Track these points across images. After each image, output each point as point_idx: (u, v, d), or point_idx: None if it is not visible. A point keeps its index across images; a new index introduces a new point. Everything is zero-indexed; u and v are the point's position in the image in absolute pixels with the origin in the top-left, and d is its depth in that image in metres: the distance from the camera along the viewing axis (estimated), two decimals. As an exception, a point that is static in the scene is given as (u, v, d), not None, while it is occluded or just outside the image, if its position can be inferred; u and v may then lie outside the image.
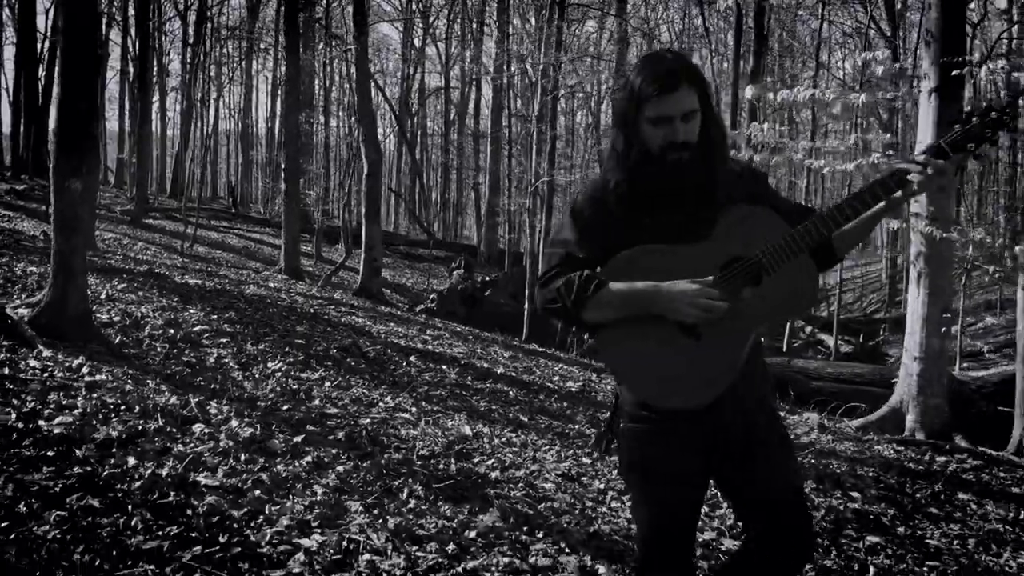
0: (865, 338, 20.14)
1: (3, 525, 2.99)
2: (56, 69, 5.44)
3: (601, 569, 3.71)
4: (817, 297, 2.31)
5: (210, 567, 3.04)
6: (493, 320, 15.17)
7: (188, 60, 33.50)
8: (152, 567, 2.98)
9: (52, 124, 5.49)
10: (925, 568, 4.50)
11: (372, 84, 21.15)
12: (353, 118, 36.25)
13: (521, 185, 29.23)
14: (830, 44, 35.04)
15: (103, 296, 7.53)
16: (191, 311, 7.45)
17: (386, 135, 43.73)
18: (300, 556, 3.29)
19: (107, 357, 5.27)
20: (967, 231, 7.96)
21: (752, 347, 2.45)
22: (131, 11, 30.72)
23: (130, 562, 2.98)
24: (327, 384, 6.09)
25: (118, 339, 5.79)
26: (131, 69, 31.40)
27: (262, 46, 38.57)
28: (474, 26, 35.65)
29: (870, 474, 6.31)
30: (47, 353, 4.95)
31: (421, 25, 38.23)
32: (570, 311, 2.36)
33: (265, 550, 3.30)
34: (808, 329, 21.47)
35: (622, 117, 2.41)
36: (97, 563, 2.91)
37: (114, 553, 3.01)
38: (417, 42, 39.69)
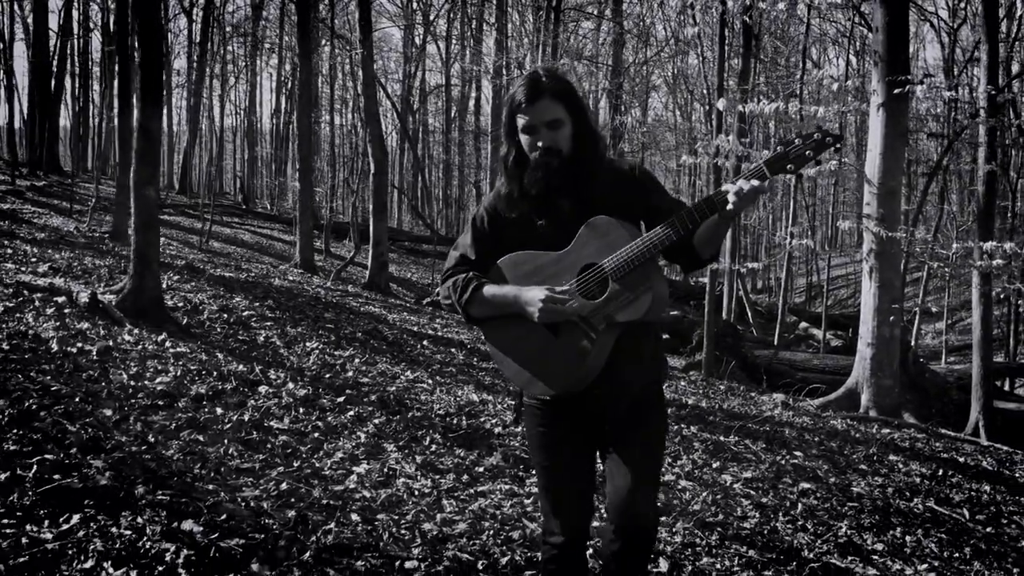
0: (853, 332, 21.21)
1: (131, 449, 4.17)
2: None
3: (581, 496, 4.90)
4: (665, 301, 2.67)
5: (291, 482, 4.24)
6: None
7: (195, 57, 34.46)
8: (250, 479, 4.18)
9: (136, 142, 6.67)
10: (846, 508, 5.66)
11: (377, 86, 22.17)
12: (354, 115, 37.41)
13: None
14: (823, 42, 36.02)
15: (164, 286, 8.73)
16: (237, 299, 8.69)
17: (388, 132, 44.76)
18: (354, 477, 4.49)
19: (179, 335, 6.49)
20: (912, 231, 9.14)
21: (635, 339, 2.70)
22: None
23: (234, 476, 4.18)
24: (356, 360, 7.32)
25: (184, 321, 7.02)
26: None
27: (267, 45, 39.44)
28: (474, 24, 36.52)
29: (815, 439, 7.52)
30: (135, 331, 6.17)
31: (421, 24, 39.12)
32: (458, 306, 2.73)
33: (328, 473, 4.50)
34: (801, 324, 22.44)
35: (505, 128, 2.72)
36: (211, 475, 4.11)
37: (221, 470, 4.21)
38: (418, 40, 40.60)
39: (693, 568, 4.10)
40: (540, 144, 2.63)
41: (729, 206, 2.46)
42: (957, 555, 4.98)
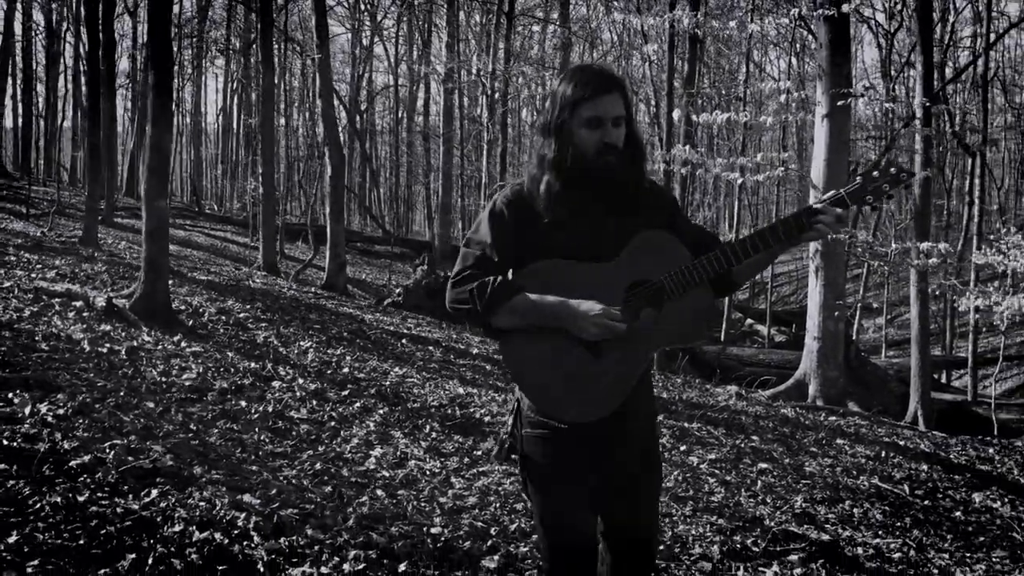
0: (797, 328, 22.14)
1: (180, 436, 4.75)
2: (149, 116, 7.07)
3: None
4: (710, 327, 2.59)
5: (322, 463, 4.85)
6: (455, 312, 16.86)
7: (141, 58, 34.42)
8: (284, 461, 4.78)
9: (147, 158, 7.19)
10: (800, 484, 6.40)
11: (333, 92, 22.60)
12: (306, 117, 37.66)
13: (472, 183, 30.87)
14: (764, 43, 37.17)
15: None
16: (231, 302, 9.24)
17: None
18: (372, 459, 5.12)
19: (190, 336, 7.04)
20: (854, 232, 9.97)
21: (645, 368, 2.58)
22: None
23: (271, 459, 4.78)
24: (348, 358, 7.93)
25: (190, 323, 7.57)
26: (82, 67, 32.38)
27: (216, 47, 39.45)
28: (420, 22, 36.93)
29: (770, 425, 8.30)
30: (152, 332, 6.72)
31: (369, 24, 39.39)
32: (479, 314, 2.44)
33: (349, 456, 5.12)
34: (746, 321, 23.36)
35: (553, 124, 2.50)
36: (251, 458, 4.70)
37: (259, 453, 4.80)
38: (365, 41, 40.89)
39: (672, 533, 4.78)
40: (607, 140, 2.48)
41: (812, 230, 2.48)
42: (899, 524, 5.71)
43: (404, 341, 9.86)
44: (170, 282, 9.79)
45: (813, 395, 10.36)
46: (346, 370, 7.34)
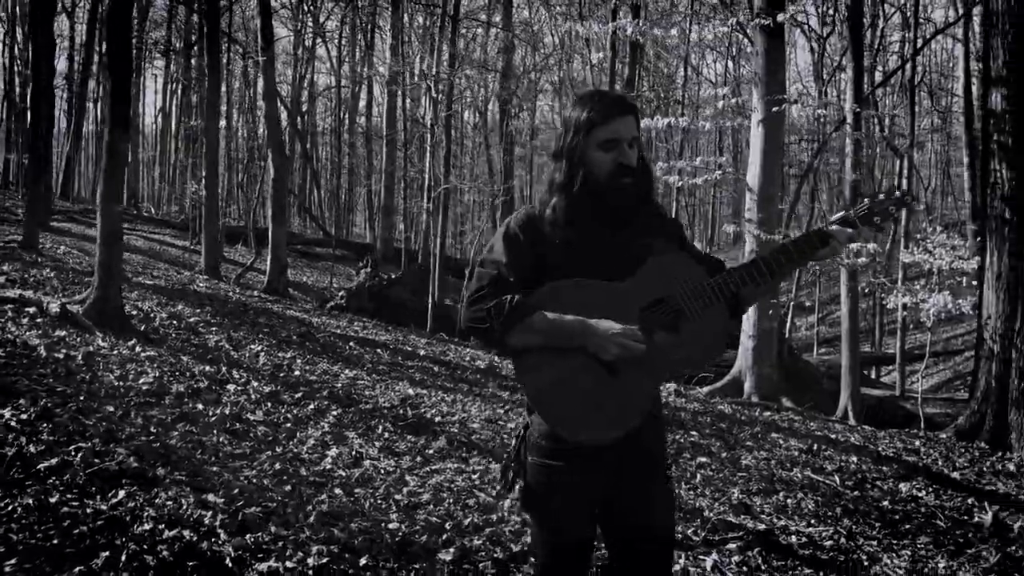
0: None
1: (142, 439, 4.88)
2: (105, 115, 7.13)
3: (518, 471, 5.81)
4: (724, 347, 2.62)
5: (281, 463, 5.02)
6: (399, 315, 17.03)
7: (79, 59, 33.87)
8: (244, 462, 4.94)
9: (104, 162, 7.25)
10: (737, 477, 6.71)
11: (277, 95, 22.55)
12: (245, 118, 37.40)
13: (414, 186, 30.95)
14: (703, 47, 37.83)
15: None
16: (180, 306, 9.31)
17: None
18: (328, 459, 5.30)
19: (144, 341, 7.13)
20: (787, 233, 10.37)
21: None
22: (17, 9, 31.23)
23: (231, 460, 4.93)
24: (299, 361, 8.07)
25: (143, 328, 7.65)
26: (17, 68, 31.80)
27: (155, 50, 38.90)
28: (363, 24, 36.84)
29: (707, 421, 8.62)
30: (107, 338, 6.80)
31: (312, 26, 39.15)
32: (495, 332, 2.45)
33: (306, 456, 5.30)
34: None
35: (566, 148, 2.56)
36: (211, 459, 4.85)
37: (219, 455, 4.96)
38: (308, 42, 40.61)
39: (617, 524, 5.04)
40: (623, 161, 2.53)
41: (831, 245, 2.58)
42: (830, 513, 6.02)
43: (352, 344, 10.01)
44: (118, 287, 9.84)
45: (749, 391, 10.74)
46: (298, 373, 7.49)
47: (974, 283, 10.05)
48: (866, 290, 12.04)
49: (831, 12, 25.27)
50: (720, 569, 4.60)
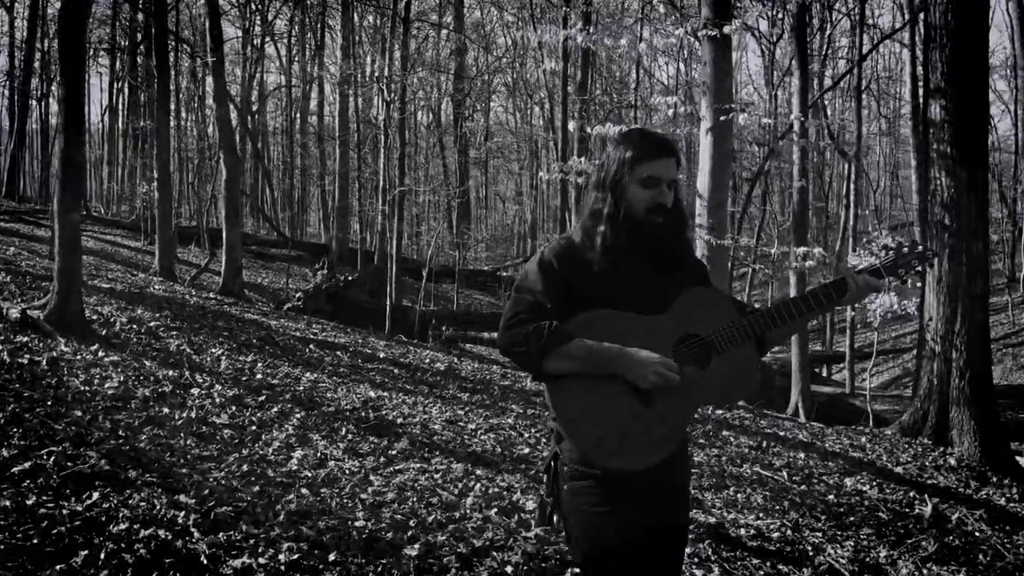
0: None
1: (112, 442, 5.01)
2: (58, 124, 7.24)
3: (478, 471, 6.01)
4: (755, 383, 2.72)
5: (249, 465, 5.18)
6: (356, 316, 17.15)
7: (20, 56, 33.42)
8: (212, 464, 5.09)
9: (59, 173, 7.33)
10: (691, 474, 6.97)
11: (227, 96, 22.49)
12: (194, 117, 37.10)
13: (369, 187, 30.98)
14: (654, 51, 38.24)
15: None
16: (140, 311, 9.37)
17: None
18: (294, 461, 5.47)
19: (106, 346, 7.22)
20: (737, 238, 10.69)
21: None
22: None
23: (199, 462, 5.08)
24: (260, 364, 8.20)
25: (104, 332, 7.73)
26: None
27: (100, 48, 38.40)
28: (313, 23, 36.73)
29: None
30: (69, 343, 6.89)
31: (260, 25, 38.91)
32: (533, 357, 2.52)
33: (272, 458, 5.46)
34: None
35: (610, 179, 2.68)
36: (180, 461, 5.00)
37: (187, 457, 5.11)
38: (256, 41, 40.36)
39: (575, 520, 5.27)
40: (661, 201, 2.66)
41: (848, 295, 2.73)
42: (778, 507, 6.31)
43: (312, 347, 10.14)
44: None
45: (701, 391, 11.01)
46: (260, 376, 7.62)
47: (919, 284, 10.43)
48: (815, 292, 12.37)
49: (780, 16, 25.82)
50: (673, 561, 4.85)
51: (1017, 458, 8.86)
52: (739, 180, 24.27)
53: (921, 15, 15.73)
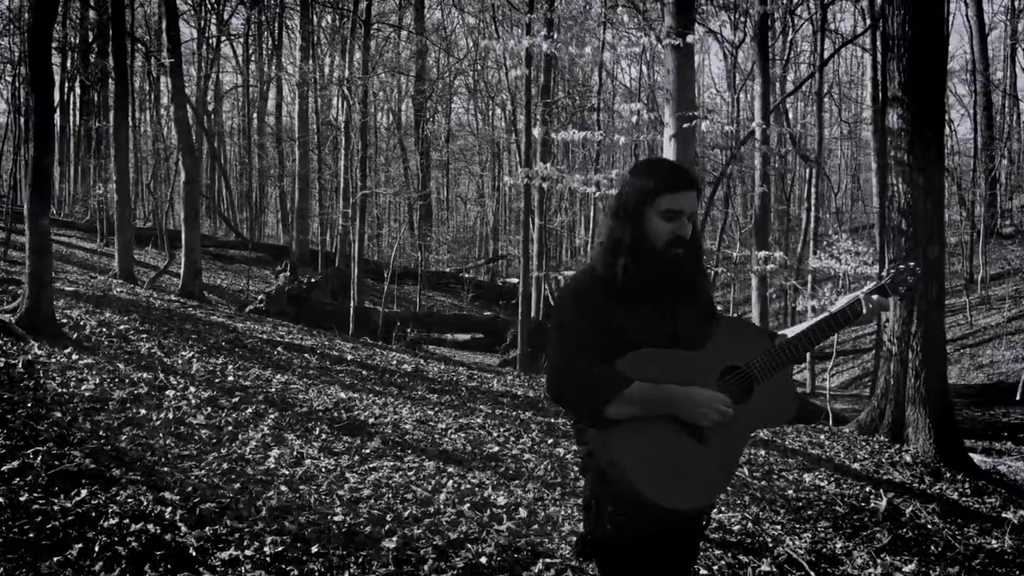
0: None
1: (94, 442, 5.21)
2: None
3: (450, 468, 6.28)
4: (796, 406, 2.84)
5: (229, 463, 5.40)
6: (319, 318, 17.33)
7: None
8: (193, 463, 5.31)
9: (31, 179, 7.50)
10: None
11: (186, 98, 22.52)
12: (149, 116, 36.95)
13: (330, 188, 31.09)
14: (617, 54, 38.62)
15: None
16: (108, 314, 9.52)
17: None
18: (271, 459, 5.70)
19: (78, 349, 7.39)
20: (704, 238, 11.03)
21: None
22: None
23: (180, 461, 5.29)
24: (231, 367, 8.40)
25: (75, 335, 7.89)
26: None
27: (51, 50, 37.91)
28: (270, 23, 36.67)
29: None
30: (42, 346, 7.05)
31: (215, 22, 38.76)
32: (592, 404, 2.51)
33: (250, 456, 5.68)
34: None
35: (630, 210, 2.68)
36: (162, 460, 5.21)
37: (168, 456, 5.32)
38: (212, 40, 40.16)
39: (544, 515, 5.54)
40: (681, 234, 2.68)
41: (863, 314, 2.87)
42: (739, 501, 6.61)
43: (280, 349, 10.34)
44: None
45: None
46: (231, 378, 7.83)
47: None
48: (773, 295, 12.81)
49: (743, 21, 26.36)
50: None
51: (971, 455, 9.27)
52: (702, 183, 24.71)
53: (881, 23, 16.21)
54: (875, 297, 2.89)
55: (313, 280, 19.24)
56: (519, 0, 24.20)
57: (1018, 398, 13.83)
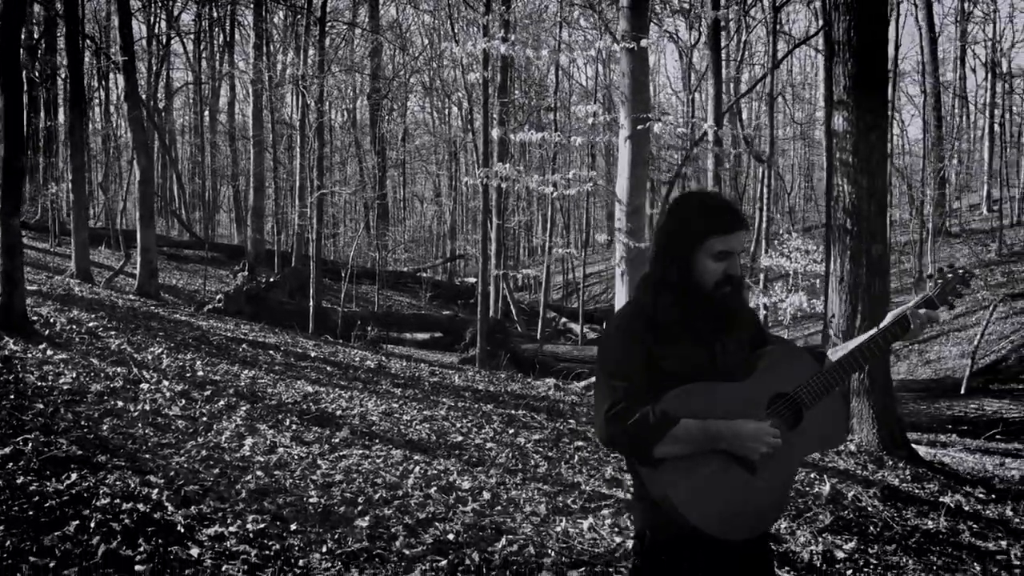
0: (606, 325, 23.77)
1: (77, 432, 5.53)
2: None
3: (417, 456, 6.66)
4: (848, 428, 2.89)
5: (204, 451, 5.74)
6: (278, 317, 17.55)
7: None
8: (172, 451, 5.65)
9: (0, 179, 7.76)
10: (611, 457, 7.70)
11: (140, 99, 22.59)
12: (97, 113, 36.76)
13: (287, 187, 31.21)
14: (573, 52, 39.08)
15: None
16: (76, 312, 9.79)
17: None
18: (246, 447, 6.05)
19: (51, 345, 7.67)
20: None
21: None
22: None
23: (160, 449, 5.63)
24: (199, 362, 8.71)
25: (46, 332, 8.16)
26: None
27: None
28: (222, 20, 36.64)
29: (583, 411, 9.65)
30: (17, 343, 7.33)
31: (165, 19, 38.58)
32: (642, 445, 2.54)
33: (225, 445, 6.03)
34: (561, 320, 25.01)
35: (678, 249, 2.69)
36: (142, 448, 5.55)
37: (148, 444, 5.65)
38: (163, 37, 39.97)
39: (507, 497, 5.95)
40: (732, 273, 2.69)
41: (911, 329, 2.86)
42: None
43: (245, 346, 10.65)
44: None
45: (622, 386, 11.81)
46: (201, 373, 8.15)
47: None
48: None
49: (698, 22, 26.95)
50: (595, 529, 5.57)
51: (917, 447, 9.80)
52: (658, 184, 25.33)
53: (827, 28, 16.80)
54: (923, 311, 2.89)
55: (271, 279, 19.47)
56: (475, -1, 24.56)
57: (963, 392, 14.42)
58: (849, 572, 5.67)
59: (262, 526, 4.59)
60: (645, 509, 2.74)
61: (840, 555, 5.95)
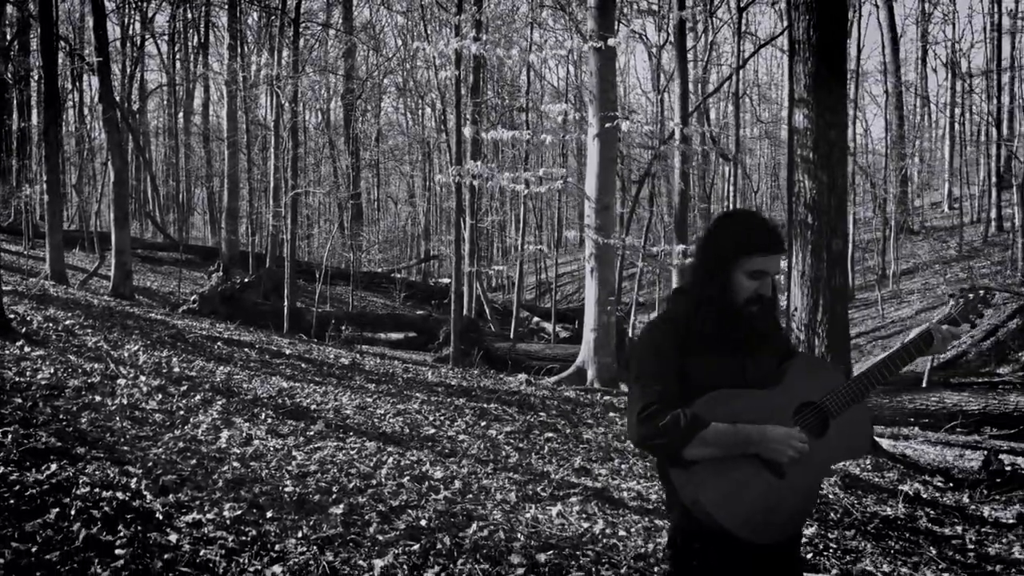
0: (579, 324, 24.00)
1: (56, 424, 5.59)
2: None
3: (390, 448, 6.76)
4: (871, 437, 3.00)
5: (182, 443, 5.82)
6: (253, 318, 17.57)
7: None
8: (150, 443, 5.72)
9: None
10: (579, 448, 7.85)
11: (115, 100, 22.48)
12: (72, 115, 36.54)
13: (259, 188, 31.17)
14: (543, 52, 39.24)
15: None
16: (52, 310, 9.81)
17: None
18: (222, 440, 6.12)
19: (29, 342, 7.71)
20: (624, 238, 11.70)
21: None
22: None
23: (138, 441, 5.70)
24: (175, 359, 8.77)
25: (23, 330, 8.20)
26: None
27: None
28: (196, 21, 36.51)
29: (554, 404, 9.79)
30: (-5, 340, 7.38)
31: (139, 20, 38.37)
32: (673, 447, 2.61)
33: (202, 438, 6.11)
34: (533, 319, 25.15)
35: (718, 263, 2.77)
36: (121, 441, 5.61)
37: (127, 436, 5.72)
38: (137, 38, 39.75)
39: (478, 486, 6.07)
40: (764, 293, 2.77)
41: (935, 344, 2.93)
42: (655, 475, 7.19)
43: (220, 344, 10.71)
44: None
45: (591, 378, 12.01)
46: (177, 369, 8.21)
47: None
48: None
49: (667, 22, 27.16)
50: (564, 515, 5.69)
51: (880, 439, 9.99)
52: (628, 182, 25.54)
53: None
54: (945, 327, 2.97)
55: (246, 280, 19.48)
56: (447, 0, 24.64)
57: (924, 386, 14.67)
58: (809, 555, 5.82)
59: (239, 513, 4.67)
60: (677, 515, 2.82)
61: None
